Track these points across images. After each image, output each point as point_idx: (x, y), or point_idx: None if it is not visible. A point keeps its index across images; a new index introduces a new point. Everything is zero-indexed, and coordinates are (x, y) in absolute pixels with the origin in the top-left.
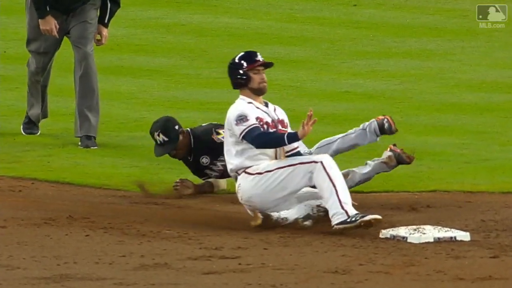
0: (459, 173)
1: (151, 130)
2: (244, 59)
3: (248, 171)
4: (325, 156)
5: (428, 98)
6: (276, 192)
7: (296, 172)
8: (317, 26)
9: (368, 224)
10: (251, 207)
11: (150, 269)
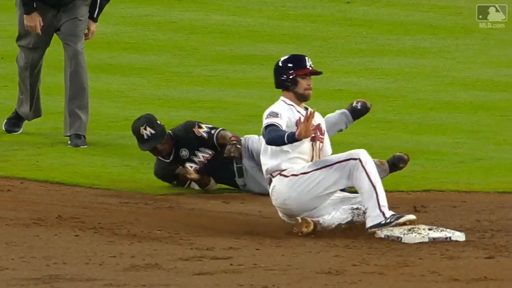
0: (454, 172)
1: (135, 126)
2: (294, 62)
3: (283, 173)
4: (362, 151)
5: (422, 97)
6: (313, 194)
7: (333, 172)
8: (310, 24)
9: (403, 225)
10: (285, 210)
11: (140, 270)
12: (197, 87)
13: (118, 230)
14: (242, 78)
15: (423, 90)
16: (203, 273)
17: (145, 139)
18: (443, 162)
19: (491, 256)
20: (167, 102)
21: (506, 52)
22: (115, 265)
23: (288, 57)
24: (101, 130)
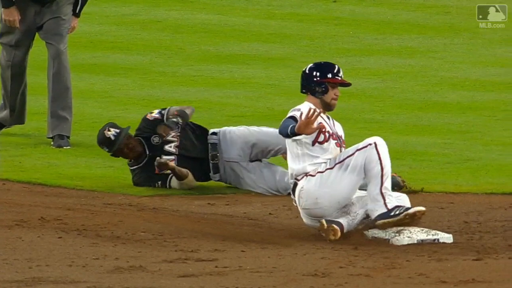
0: (442, 173)
1: (99, 134)
2: (328, 70)
3: (309, 174)
4: (377, 137)
5: (409, 97)
6: (345, 186)
7: (357, 159)
8: (296, 23)
9: (413, 216)
10: (315, 211)
11: (124, 272)
12: (182, 87)
13: (102, 232)
14: (228, 78)
15: (410, 90)
16: (187, 275)
17: (113, 140)
18: (431, 163)
19: (479, 258)
20: (152, 103)
21: (494, 51)
22: (99, 267)
23: (322, 63)
24: (85, 131)
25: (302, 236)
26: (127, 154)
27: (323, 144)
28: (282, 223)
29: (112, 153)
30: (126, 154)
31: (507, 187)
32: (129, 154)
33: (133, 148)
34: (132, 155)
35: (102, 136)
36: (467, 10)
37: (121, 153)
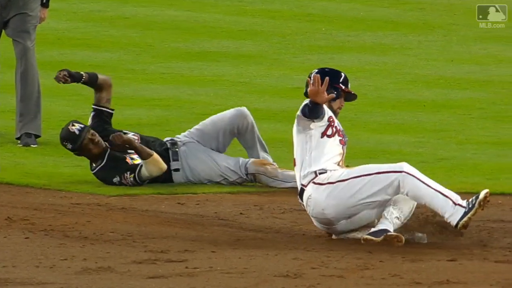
0: None
1: (64, 131)
2: (344, 78)
3: (317, 181)
4: (404, 164)
5: (383, 95)
6: (352, 202)
7: (375, 182)
8: (268, 19)
9: (485, 201)
10: (322, 220)
11: (93, 273)
12: (151, 84)
13: (70, 232)
14: (197, 75)
15: (384, 88)
16: (157, 276)
17: (77, 134)
18: (405, 162)
19: (454, 258)
20: (121, 100)
21: (469, 49)
22: (67, 268)
23: (338, 70)
24: (53, 129)
25: (274, 236)
26: (91, 150)
27: (330, 137)
28: (253, 223)
29: (76, 149)
30: (90, 151)
31: (481, 186)
32: (94, 150)
33: (98, 143)
34: (96, 151)
35: (66, 131)
36: (441, 6)
37: (85, 150)
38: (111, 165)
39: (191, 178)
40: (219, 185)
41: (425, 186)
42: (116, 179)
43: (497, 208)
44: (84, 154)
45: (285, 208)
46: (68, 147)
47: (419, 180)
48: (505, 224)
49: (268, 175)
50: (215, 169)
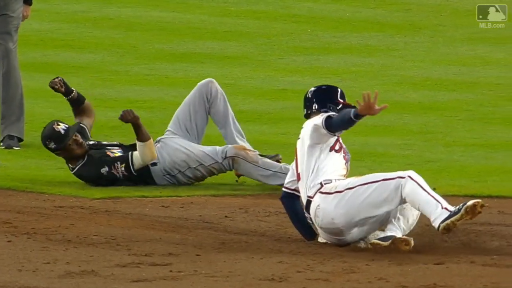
0: None
1: (47, 129)
2: (341, 92)
3: (324, 191)
4: (411, 171)
5: None
6: (361, 210)
7: (382, 188)
8: (253, 20)
9: (473, 209)
10: (332, 230)
11: (76, 277)
12: (135, 86)
13: (53, 235)
14: (182, 77)
15: (370, 89)
16: (141, 280)
17: (63, 134)
18: (391, 164)
19: (440, 262)
20: (104, 102)
21: (456, 50)
22: (50, 272)
23: (334, 86)
24: (36, 132)
25: (259, 239)
26: (74, 151)
27: (337, 152)
28: (238, 226)
29: (60, 149)
30: (72, 151)
31: (468, 189)
32: (76, 150)
33: (82, 144)
34: (79, 152)
35: (50, 130)
36: (428, 7)
37: (67, 150)
38: (93, 161)
39: (169, 170)
40: (203, 188)
41: (423, 191)
42: (105, 170)
43: (485, 211)
44: (66, 154)
45: (270, 211)
46: (50, 146)
47: (420, 186)
48: (493, 227)
49: (249, 159)
50: (191, 155)
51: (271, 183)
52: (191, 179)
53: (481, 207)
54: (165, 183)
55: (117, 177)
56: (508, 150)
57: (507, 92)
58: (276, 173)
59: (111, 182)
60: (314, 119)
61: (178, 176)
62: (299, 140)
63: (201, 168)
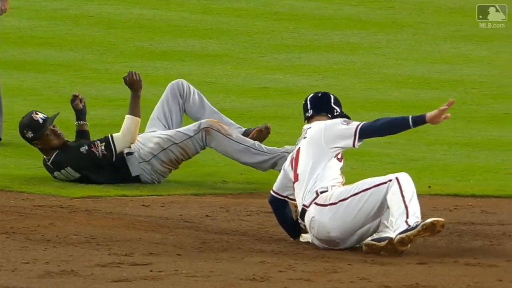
0: (384, 174)
1: (26, 119)
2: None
3: (319, 202)
4: (402, 173)
5: (351, 95)
6: (357, 221)
7: (374, 197)
8: (234, 18)
9: (432, 227)
10: (328, 242)
11: (55, 277)
12: (115, 84)
13: (32, 235)
14: (162, 75)
15: (352, 87)
16: (121, 280)
17: (41, 123)
18: (374, 163)
19: (423, 262)
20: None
21: (439, 48)
22: (29, 271)
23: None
24: (14, 130)
25: (240, 239)
26: (51, 141)
27: (339, 161)
28: (219, 226)
29: (37, 138)
30: (49, 142)
31: (451, 188)
32: (54, 141)
33: (60, 135)
34: (56, 143)
35: (29, 119)
36: (410, 4)
37: (44, 140)
38: (71, 146)
39: (144, 156)
40: (184, 187)
41: (400, 197)
42: (84, 148)
43: (468, 210)
44: (42, 145)
45: (252, 210)
46: (27, 135)
47: (401, 191)
48: (476, 226)
49: (222, 132)
50: (163, 137)
51: (243, 159)
52: (166, 164)
53: (441, 227)
54: (141, 174)
55: (97, 156)
56: (491, 149)
57: (490, 90)
58: (249, 148)
59: (91, 167)
60: (334, 122)
61: (153, 161)
62: (305, 140)
63: (174, 149)
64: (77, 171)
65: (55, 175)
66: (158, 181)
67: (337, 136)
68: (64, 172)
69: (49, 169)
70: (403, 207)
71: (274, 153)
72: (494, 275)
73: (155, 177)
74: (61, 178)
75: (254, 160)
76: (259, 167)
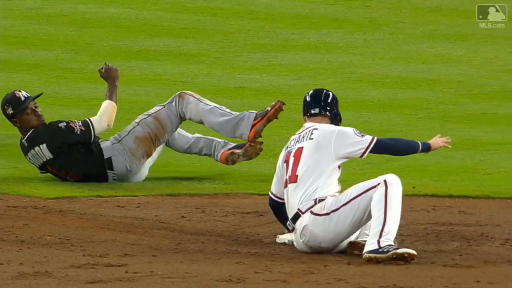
0: (361, 175)
1: (9, 94)
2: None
3: (314, 211)
4: (392, 175)
5: None
6: (349, 232)
7: (364, 204)
8: (210, 17)
9: (401, 257)
10: (316, 249)
11: (29, 278)
12: (90, 84)
13: (6, 236)
14: (137, 74)
15: (329, 87)
16: (96, 281)
17: (22, 100)
18: (351, 163)
19: (400, 262)
20: (58, 100)
21: (416, 47)
22: (3, 273)
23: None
24: None
25: (216, 239)
26: (30, 121)
27: (339, 169)
28: (195, 227)
29: (16, 115)
30: (29, 122)
31: (429, 188)
32: (33, 121)
33: (40, 116)
34: (35, 123)
35: (11, 95)
36: (387, 3)
37: (23, 119)
38: (48, 125)
39: (117, 136)
40: (160, 187)
41: (382, 207)
42: (63, 124)
43: (445, 211)
44: (21, 123)
45: (228, 211)
46: (8, 112)
47: (385, 198)
48: (453, 227)
49: (195, 96)
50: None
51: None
52: (139, 141)
53: (411, 259)
54: (113, 155)
55: (75, 132)
56: (468, 149)
57: (468, 90)
58: (215, 108)
59: (65, 146)
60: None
61: (125, 140)
62: (311, 142)
63: (149, 121)
64: (50, 150)
65: (29, 156)
66: (130, 168)
67: (348, 145)
68: (37, 151)
69: (23, 148)
70: (381, 219)
71: (237, 114)
72: (472, 276)
73: (128, 160)
74: (34, 161)
75: (218, 120)
76: (223, 130)
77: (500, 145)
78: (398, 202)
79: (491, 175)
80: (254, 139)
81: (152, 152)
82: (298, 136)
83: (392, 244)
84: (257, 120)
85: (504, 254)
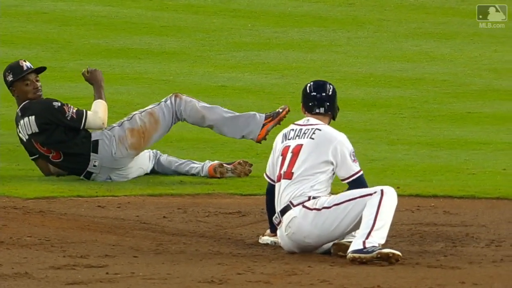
0: None
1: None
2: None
3: (306, 205)
4: (389, 187)
5: None
6: (335, 232)
7: (357, 206)
8: (191, 15)
9: (386, 257)
10: (300, 246)
11: (9, 279)
12: (70, 82)
13: None
14: (118, 73)
15: None
16: (76, 282)
17: (24, 69)
18: None
19: (384, 263)
20: None
21: (400, 45)
22: None
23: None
24: None
25: (198, 240)
26: (27, 93)
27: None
28: (176, 227)
29: (14, 83)
30: (25, 93)
31: (413, 188)
32: (29, 94)
33: (38, 90)
34: (31, 96)
35: (15, 63)
36: (371, 1)
37: (21, 90)
38: (43, 99)
39: (109, 127)
40: (141, 187)
41: (372, 214)
42: (57, 103)
43: (430, 211)
44: (18, 93)
45: (210, 211)
46: (7, 78)
47: (378, 206)
48: (438, 227)
49: (193, 98)
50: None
51: (214, 114)
52: (129, 131)
53: (395, 259)
54: (100, 138)
55: (65, 116)
56: (453, 149)
57: (453, 89)
58: (217, 106)
59: (53, 124)
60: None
61: (116, 128)
62: (312, 141)
63: (143, 115)
64: (38, 124)
65: (19, 128)
66: (115, 155)
67: (340, 163)
68: (26, 122)
69: (16, 118)
70: (371, 223)
71: (243, 113)
72: (457, 277)
73: (114, 146)
74: (22, 135)
75: (224, 115)
76: (228, 126)
77: (485, 144)
78: (391, 212)
79: (476, 175)
80: (263, 139)
81: (140, 147)
82: (300, 130)
83: (377, 246)
84: (268, 120)
85: (489, 254)
